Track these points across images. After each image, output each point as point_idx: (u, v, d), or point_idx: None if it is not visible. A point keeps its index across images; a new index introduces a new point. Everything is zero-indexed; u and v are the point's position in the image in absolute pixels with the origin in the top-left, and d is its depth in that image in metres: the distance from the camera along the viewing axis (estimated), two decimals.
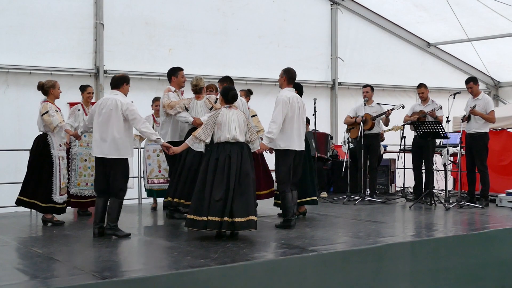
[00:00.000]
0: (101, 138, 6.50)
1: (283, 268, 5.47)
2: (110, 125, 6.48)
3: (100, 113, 6.56)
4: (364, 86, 10.35)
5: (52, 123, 7.35)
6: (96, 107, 6.68)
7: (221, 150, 6.37)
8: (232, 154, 6.35)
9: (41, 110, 7.43)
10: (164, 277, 4.88)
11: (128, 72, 10.86)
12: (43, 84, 7.54)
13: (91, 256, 5.66)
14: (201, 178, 6.40)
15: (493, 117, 9.18)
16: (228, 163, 6.32)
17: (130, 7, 11.12)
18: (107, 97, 6.72)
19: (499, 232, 7.21)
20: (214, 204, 6.21)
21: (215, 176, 6.29)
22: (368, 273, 5.93)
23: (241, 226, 6.26)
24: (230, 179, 6.27)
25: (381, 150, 10.47)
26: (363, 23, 14.02)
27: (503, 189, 9.52)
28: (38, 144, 7.46)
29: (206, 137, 6.43)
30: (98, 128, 6.55)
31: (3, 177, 9.25)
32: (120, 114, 6.50)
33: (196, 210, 6.29)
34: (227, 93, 6.58)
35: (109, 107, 6.52)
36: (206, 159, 6.45)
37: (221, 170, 6.30)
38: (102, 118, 6.53)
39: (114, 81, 6.78)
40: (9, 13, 9.93)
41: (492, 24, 13.23)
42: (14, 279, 4.95)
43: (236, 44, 12.21)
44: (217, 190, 6.24)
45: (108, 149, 6.48)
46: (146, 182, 8.87)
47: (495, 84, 16.05)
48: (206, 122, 6.54)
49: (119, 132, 6.49)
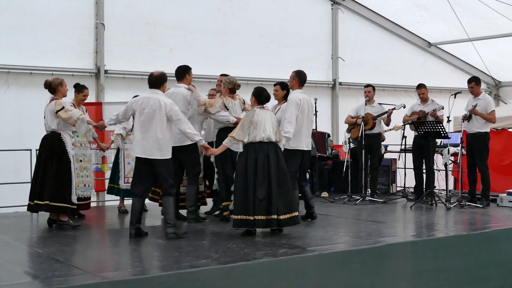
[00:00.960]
0: (143, 138, 6.43)
1: (283, 268, 5.46)
2: (153, 125, 6.40)
3: (141, 112, 6.46)
4: (366, 86, 10.35)
5: (72, 116, 7.11)
6: (135, 105, 6.55)
7: (258, 150, 6.54)
8: (270, 154, 6.54)
9: (54, 107, 7.14)
10: (165, 277, 4.87)
11: (128, 72, 10.99)
12: (51, 82, 7.31)
13: (92, 256, 5.65)
14: (241, 179, 6.53)
15: (494, 117, 9.17)
16: (267, 162, 6.51)
17: (130, 7, 11.12)
18: (148, 96, 6.52)
19: (500, 232, 7.21)
20: (258, 203, 6.41)
21: (256, 176, 6.46)
22: (369, 273, 5.92)
23: (286, 223, 6.54)
24: (271, 178, 6.47)
25: (382, 150, 10.46)
26: (363, 23, 14.01)
27: (504, 189, 9.51)
28: (52, 144, 7.17)
29: (244, 137, 6.54)
30: (140, 128, 6.47)
31: (3, 177, 9.24)
32: (164, 115, 6.42)
33: (242, 210, 6.46)
34: (260, 94, 6.72)
35: (152, 107, 6.42)
36: (243, 160, 6.57)
37: (261, 169, 6.47)
38: (144, 118, 6.44)
39: (154, 80, 6.60)
40: (9, 13, 9.93)
41: (492, 24, 13.22)
42: (14, 279, 4.94)
43: (236, 44, 12.20)
44: (260, 190, 6.42)
45: (150, 149, 6.41)
46: (122, 181, 8.54)
47: (495, 84, 16.04)
48: (242, 122, 6.61)
49: (162, 132, 6.43)
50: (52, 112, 7.16)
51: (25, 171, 9.07)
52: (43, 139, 7.31)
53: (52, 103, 7.20)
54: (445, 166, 9.52)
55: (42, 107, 7.54)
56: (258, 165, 6.48)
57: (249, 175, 6.48)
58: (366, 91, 10.19)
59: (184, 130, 6.55)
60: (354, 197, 9.65)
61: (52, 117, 7.17)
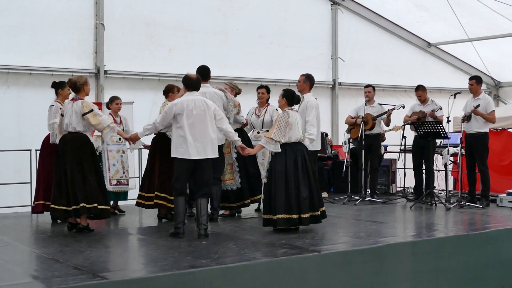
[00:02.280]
0: (194, 139, 6.46)
1: (283, 268, 5.46)
2: (204, 126, 6.51)
3: (189, 114, 6.48)
4: (366, 86, 10.36)
5: (102, 123, 6.83)
6: (178, 109, 6.51)
7: (296, 150, 6.85)
8: (305, 154, 6.92)
9: (81, 108, 6.82)
10: (165, 277, 4.87)
11: (128, 73, 10.99)
12: (76, 81, 6.96)
13: (91, 256, 5.65)
14: (281, 178, 6.74)
15: (494, 117, 9.17)
16: (305, 162, 6.86)
17: (130, 7, 11.11)
18: (192, 98, 6.57)
19: (499, 232, 7.21)
20: (303, 201, 6.76)
21: (298, 176, 6.77)
22: (368, 273, 5.92)
23: (318, 219, 6.96)
24: (309, 177, 6.85)
25: (381, 150, 10.46)
26: (363, 23, 14.01)
27: (504, 189, 9.51)
28: (80, 145, 6.84)
29: (282, 138, 6.76)
30: (190, 130, 6.46)
31: (3, 178, 9.24)
32: (212, 114, 6.57)
33: (285, 209, 6.71)
34: (292, 97, 6.98)
35: (200, 108, 6.51)
36: (282, 160, 6.78)
37: (302, 169, 6.80)
38: (193, 120, 6.48)
39: (195, 82, 6.67)
40: (9, 13, 9.92)
41: (492, 24, 13.22)
42: (14, 279, 4.95)
43: (236, 44, 12.20)
44: (304, 188, 6.78)
45: (204, 150, 6.50)
46: (108, 184, 8.18)
47: (495, 84, 16.04)
48: (279, 123, 6.80)
49: (214, 131, 6.59)
50: (77, 113, 6.85)
51: (25, 171, 9.07)
52: (63, 139, 6.94)
53: (77, 103, 6.88)
54: (445, 166, 9.52)
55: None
56: (298, 165, 6.79)
57: (289, 175, 6.75)
58: (366, 91, 10.19)
59: (226, 129, 6.71)
60: (353, 197, 9.65)
61: (77, 118, 6.85)
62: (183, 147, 6.47)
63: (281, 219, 6.71)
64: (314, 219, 6.90)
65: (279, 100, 7.03)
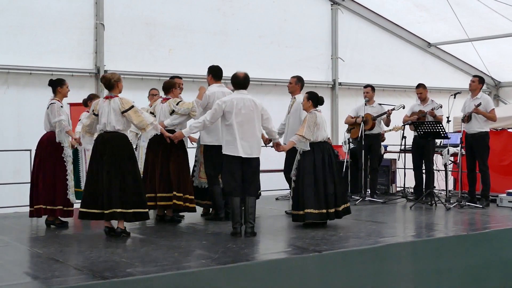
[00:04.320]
0: (241, 138, 6.57)
1: (284, 269, 5.46)
2: (252, 125, 6.64)
3: (238, 113, 6.60)
4: (365, 86, 10.37)
5: (144, 120, 6.59)
6: (227, 107, 6.59)
7: (323, 149, 7.28)
8: (331, 152, 7.38)
9: (120, 106, 6.54)
10: (165, 277, 4.87)
11: (128, 73, 10.98)
12: (110, 77, 6.68)
13: (91, 256, 5.65)
14: (310, 175, 7.14)
15: (495, 116, 9.18)
16: (331, 160, 7.31)
17: (130, 7, 11.11)
18: (241, 97, 6.68)
19: (499, 232, 7.21)
20: (330, 197, 7.20)
21: (326, 173, 7.20)
22: (369, 273, 5.92)
23: (341, 215, 7.37)
24: (334, 174, 7.29)
25: (381, 150, 10.46)
26: (363, 23, 14.00)
27: (504, 189, 9.51)
28: (119, 144, 6.55)
29: (311, 137, 7.14)
30: (238, 128, 6.57)
31: (3, 178, 9.24)
32: (260, 114, 6.72)
33: (315, 204, 7.12)
34: (317, 99, 7.35)
35: (249, 107, 6.64)
36: (311, 158, 7.17)
37: (328, 166, 7.25)
38: (242, 119, 6.60)
39: (244, 81, 6.77)
40: (9, 13, 9.92)
41: (492, 24, 13.22)
42: (14, 279, 4.95)
43: (236, 44, 12.19)
44: (330, 185, 7.21)
45: (251, 149, 6.62)
46: None
47: (495, 84, 16.03)
48: (308, 123, 7.13)
49: (260, 131, 6.78)
50: (116, 111, 6.54)
51: (24, 171, 9.07)
52: (100, 139, 6.62)
53: (115, 101, 6.58)
54: (445, 166, 9.52)
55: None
56: (325, 162, 7.23)
57: (317, 172, 7.16)
58: (365, 91, 10.20)
59: (271, 129, 6.97)
60: (353, 197, 9.66)
61: (116, 116, 6.55)
62: (233, 145, 6.60)
63: (310, 213, 7.09)
64: (338, 214, 7.32)
65: (304, 103, 7.34)
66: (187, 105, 7.52)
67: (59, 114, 7.24)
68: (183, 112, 7.49)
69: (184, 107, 7.48)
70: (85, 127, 6.92)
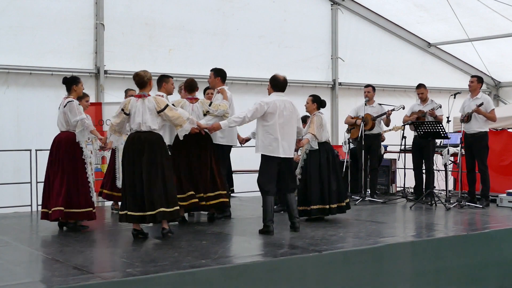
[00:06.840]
0: (282, 138, 6.74)
1: (283, 269, 5.46)
2: (291, 126, 6.86)
3: (281, 114, 6.75)
4: (365, 86, 10.37)
5: (181, 116, 6.49)
6: (270, 108, 6.67)
7: (326, 148, 7.76)
8: (333, 151, 7.95)
9: (157, 105, 6.41)
10: (164, 277, 4.87)
11: (128, 73, 10.93)
12: (143, 75, 6.57)
13: (91, 256, 5.65)
14: (316, 173, 7.61)
15: (495, 116, 9.18)
16: (333, 159, 7.81)
17: (130, 8, 11.11)
18: (281, 99, 6.82)
19: (499, 232, 7.21)
20: (333, 193, 7.69)
21: (330, 171, 7.68)
22: (368, 273, 5.93)
23: (343, 210, 7.85)
24: (337, 172, 7.84)
25: (381, 150, 10.46)
26: (363, 23, 14.01)
27: (504, 189, 9.51)
28: (157, 144, 6.40)
29: (320, 136, 7.64)
30: (280, 129, 6.73)
31: (3, 178, 9.24)
32: (297, 116, 6.98)
33: (321, 200, 7.62)
34: (321, 101, 7.83)
35: (289, 109, 6.83)
36: (317, 157, 7.63)
37: (332, 165, 7.74)
38: (283, 120, 6.76)
39: (282, 83, 6.89)
40: (9, 13, 9.92)
41: (492, 24, 13.22)
42: (14, 279, 4.94)
43: (236, 45, 12.20)
44: (333, 182, 7.71)
45: (288, 149, 6.83)
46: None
47: (495, 84, 16.04)
48: (316, 124, 7.61)
49: (295, 133, 6.99)
50: (152, 110, 6.41)
51: (24, 171, 9.07)
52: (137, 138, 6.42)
53: (150, 100, 6.46)
54: (445, 166, 9.52)
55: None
56: (330, 161, 7.71)
57: (323, 170, 7.63)
58: (366, 91, 10.20)
59: (302, 129, 7.23)
60: (353, 198, 9.65)
61: (152, 116, 6.40)
62: (272, 145, 6.71)
63: (316, 209, 7.59)
64: (340, 209, 7.78)
65: (309, 105, 7.76)
66: (223, 107, 7.54)
67: (80, 112, 6.99)
68: (219, 114, 7.51)
69: (220, 109, 7.52)
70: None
